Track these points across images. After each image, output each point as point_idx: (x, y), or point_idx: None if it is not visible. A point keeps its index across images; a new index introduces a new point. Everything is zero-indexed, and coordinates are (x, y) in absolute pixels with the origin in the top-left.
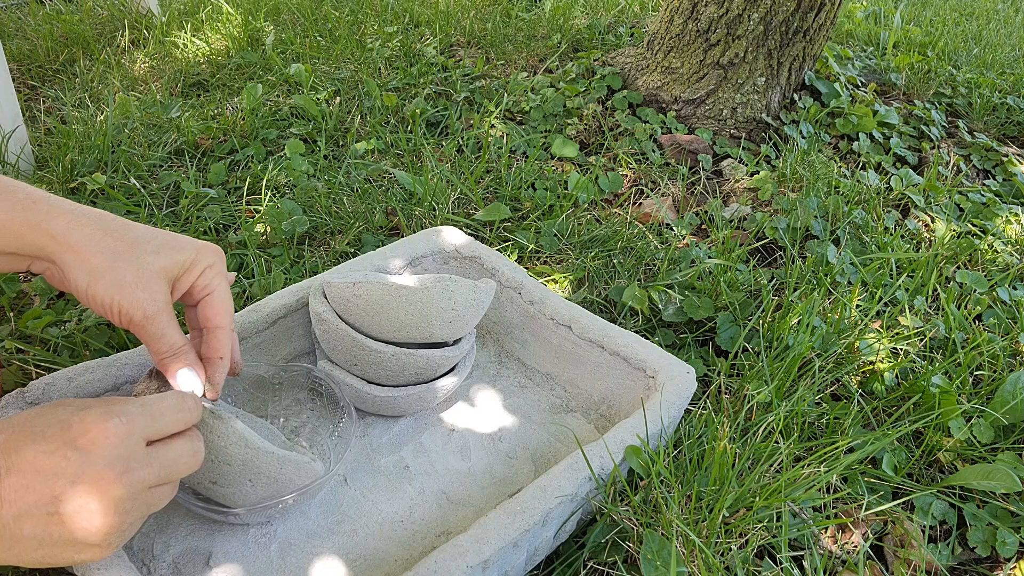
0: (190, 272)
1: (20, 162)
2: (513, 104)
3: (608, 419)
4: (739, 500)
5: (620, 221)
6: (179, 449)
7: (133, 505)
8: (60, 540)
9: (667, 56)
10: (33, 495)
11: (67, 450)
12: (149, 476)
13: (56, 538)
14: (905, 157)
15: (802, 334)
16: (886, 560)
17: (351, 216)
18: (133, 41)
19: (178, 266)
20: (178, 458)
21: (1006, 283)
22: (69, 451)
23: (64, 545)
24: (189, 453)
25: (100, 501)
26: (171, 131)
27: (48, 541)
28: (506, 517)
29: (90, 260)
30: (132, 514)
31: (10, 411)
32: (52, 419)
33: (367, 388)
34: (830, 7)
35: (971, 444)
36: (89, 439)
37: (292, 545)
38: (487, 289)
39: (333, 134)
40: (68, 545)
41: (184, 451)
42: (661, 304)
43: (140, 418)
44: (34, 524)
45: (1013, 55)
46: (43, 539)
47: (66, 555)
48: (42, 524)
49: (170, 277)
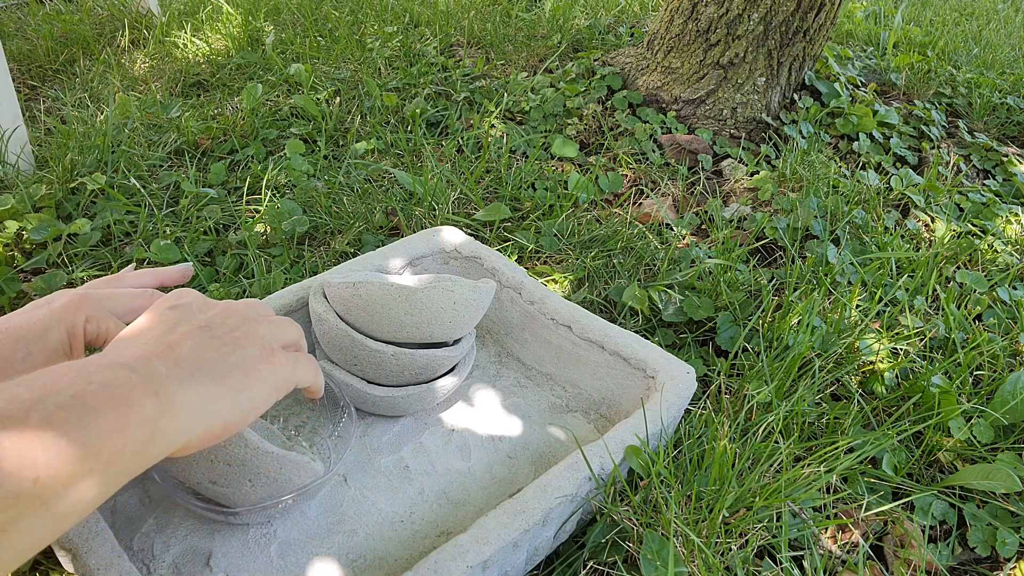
0: (73, 341)
1: (20, 162)
2: (513, 104)
3: (608, 419)
4: (739, 500)
5: (620, 221)
6: (304, 357)
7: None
8: (240, 355)
9: (667, 56)
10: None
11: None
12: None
13: (236, 354)
14: (905, 157)
15: (802, 334)
16: (886, 560)
17: (351, 216)
18: (133, 41)
19: (58, 348)
20: (308, 362)
21: (1006, 283)
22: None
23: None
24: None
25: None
26: (171, 131)
27: (232, 358)
28: (506, 517)
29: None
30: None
31: None
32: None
33: (367, 388)
34: (830, 7)
35: (971, 444)
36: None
37: (292, 545)
38: (487, 289)
39: (333, 134)
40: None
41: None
42: (661, 304)
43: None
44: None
45: (1013, 55)
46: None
47: (260, 368)
48: (213, 348)
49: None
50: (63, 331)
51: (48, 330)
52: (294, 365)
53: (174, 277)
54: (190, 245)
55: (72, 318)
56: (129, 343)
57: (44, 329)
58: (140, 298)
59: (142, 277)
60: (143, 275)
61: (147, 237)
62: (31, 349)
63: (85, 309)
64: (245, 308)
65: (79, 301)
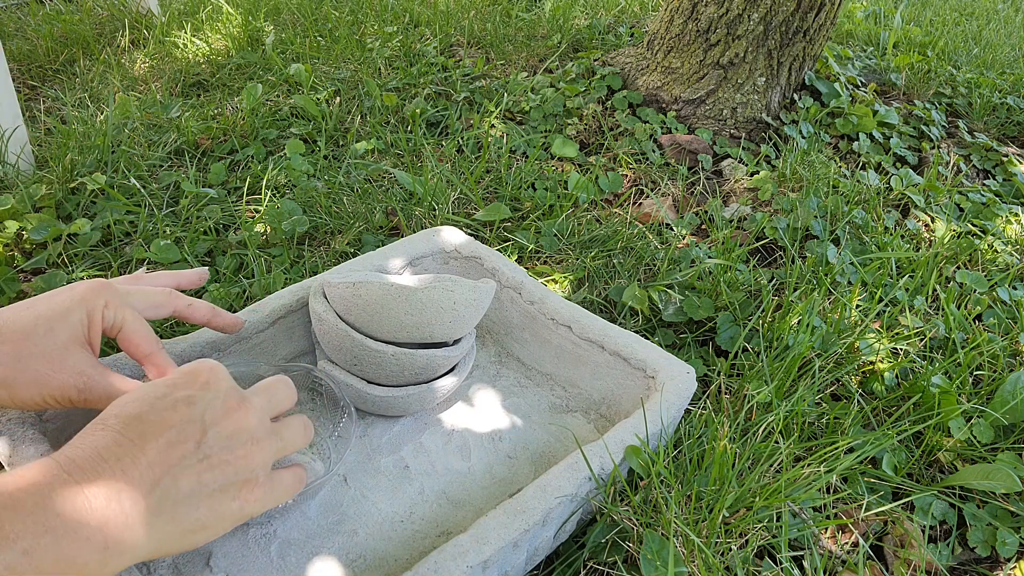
0: (92, 324)
1: (20, 162)
2: (513, 104)
3: (608, 419)
4: (739, 500)
5: (620, 221)
6: (295, 424)
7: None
8: (216, 487)
9: (667, 56)
10: (178, 448)
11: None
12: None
13: (212, 486)
14: (905, 157)
15: (802, 334)
16: (886, 560)
17: (351, 216)
18: (133, 41)
19: (79, 328)
20: (296, 432)
21: (1006, 283)
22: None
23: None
24: (302, 428)
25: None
26: (171, 131)
27: (205, 492)
28: (506, 517)
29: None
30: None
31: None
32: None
33: (367, 388)
34: (830, 7)
35: (971, 444)
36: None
37: (292, 545)
38: (487, 289)
39: (333, 134)
40: (224, 492)
41: (298, 426)
42: (661, 304)
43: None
44: (188, 477)
45: (1013, 55)
46: (200, 492)
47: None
48: (196, 473)
49: (79, 343)
50: (84, 313)
51: (70, 311)
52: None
53: (191, 280)
54: (190, 245)
55: (93, 302)
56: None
57: (66, 310)
58: (159, 296)
59: (160, 278)
60: (161, 276)
61: (147, 237)
62: (53, 326)
63: (105, 295)
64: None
65: (100, 287)
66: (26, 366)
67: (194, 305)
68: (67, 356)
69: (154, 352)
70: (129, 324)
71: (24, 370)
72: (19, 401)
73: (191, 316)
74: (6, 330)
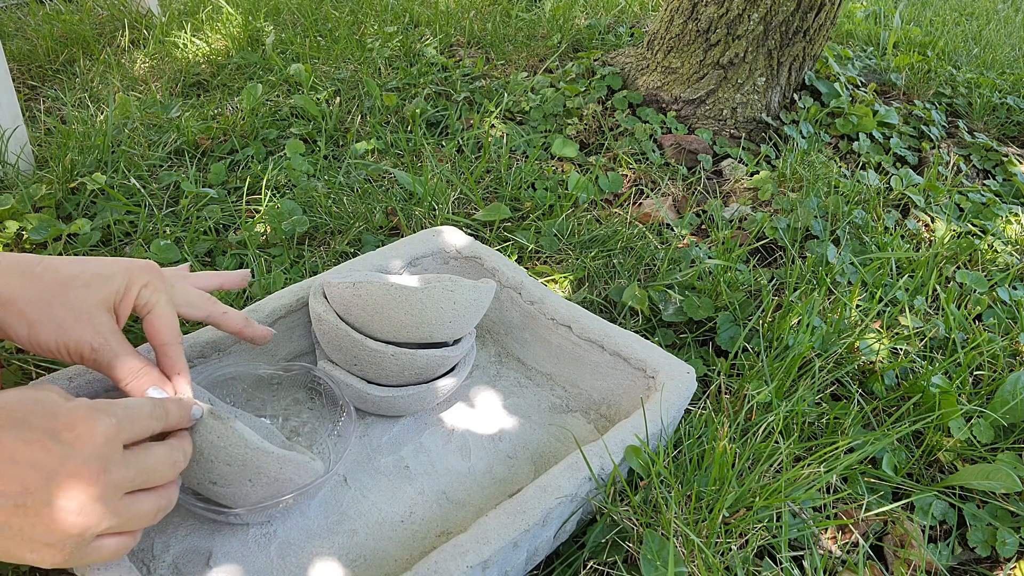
0: (127, 296)
1: (20, 162)
2: (513, 104)
3: (608, 419)
4: (739, 500)
5: (620, 221)
6: (157, 455)
7: (104, 510)
8: (19, 533)
9: (667, 56)
10: (3, 484)
11: (49, 441)
12: (125, 479)
13: (16, 531)
14: (905, 157)
15: (802, 334)
16: (886, 560)
17: (351, 216)
18: (133, 41)
19: (113, 293)
20: (156, 464)
21: (1006, 283)
22: (51, 443)
23: (21, 539)
24: (167, 462)
25: (72, 499)
26: (171, 131)
27: (6, 532)
28: (506, 517)
29: (24, 311)
30: (101, 520)
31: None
32: (37, 407)
33: (367, 388)
34: (830, 7)
35: (971, 444)
36: (75, 434)
37: (292, 545)
38: (487, 289)
39: (333, 134)
40: (25, 540)
41: (162, 458)
42: (661, 304)
43: (125, 420)
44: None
45: (1013, 55)
46: (2, 529)
47: (19, 551)
48: (6, 514)
49: (108, 306)
50: (124, 283)
51: (113, 276)
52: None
53: (234, 281)
54: (190, 245)
55: (136, 277)
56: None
57: (110, 275)
58: (198, 297)
59: (205, 277)
60: (206, 276)
61: (147, 237)
62: (91, 282)
63: (149, 276)
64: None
65: (149, 268)
66: (53, 312)
67: (229, 313)
68: (93, 314)
69: (170, 344)
70: (159, 309)
71: (50, 315)
72: (36, 343)
73: (224, 323)
74: (48, 275)
